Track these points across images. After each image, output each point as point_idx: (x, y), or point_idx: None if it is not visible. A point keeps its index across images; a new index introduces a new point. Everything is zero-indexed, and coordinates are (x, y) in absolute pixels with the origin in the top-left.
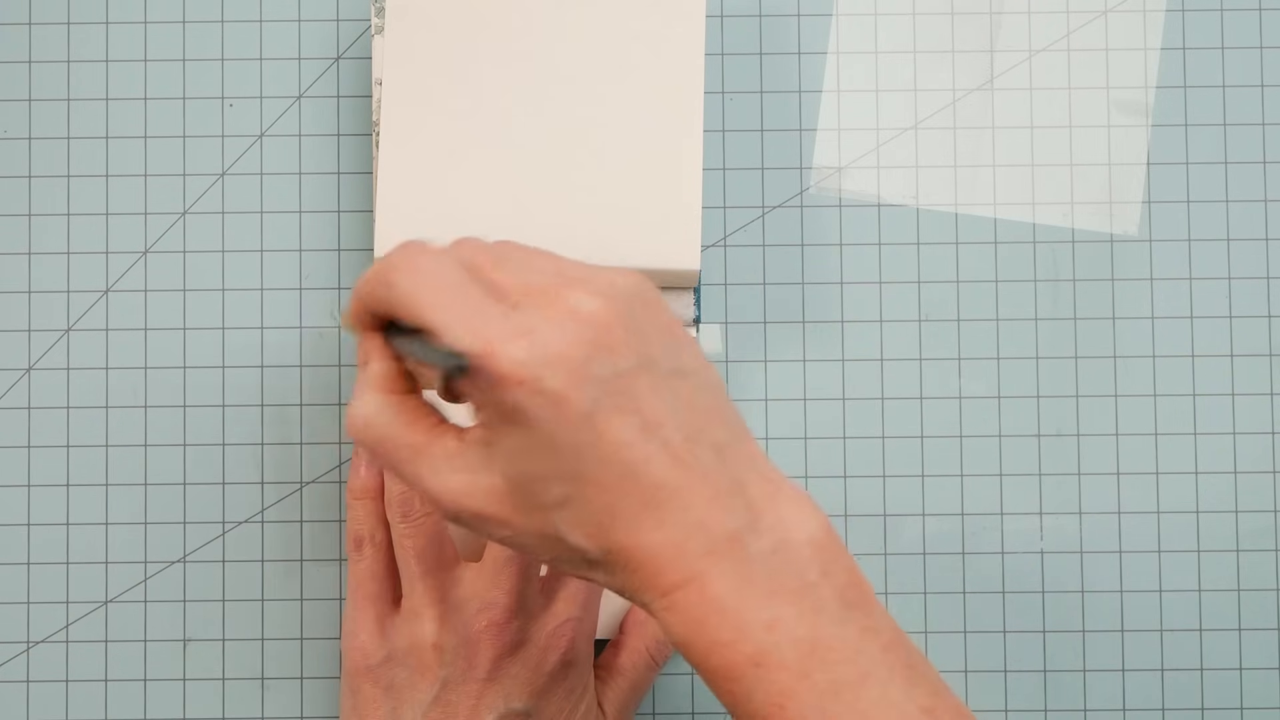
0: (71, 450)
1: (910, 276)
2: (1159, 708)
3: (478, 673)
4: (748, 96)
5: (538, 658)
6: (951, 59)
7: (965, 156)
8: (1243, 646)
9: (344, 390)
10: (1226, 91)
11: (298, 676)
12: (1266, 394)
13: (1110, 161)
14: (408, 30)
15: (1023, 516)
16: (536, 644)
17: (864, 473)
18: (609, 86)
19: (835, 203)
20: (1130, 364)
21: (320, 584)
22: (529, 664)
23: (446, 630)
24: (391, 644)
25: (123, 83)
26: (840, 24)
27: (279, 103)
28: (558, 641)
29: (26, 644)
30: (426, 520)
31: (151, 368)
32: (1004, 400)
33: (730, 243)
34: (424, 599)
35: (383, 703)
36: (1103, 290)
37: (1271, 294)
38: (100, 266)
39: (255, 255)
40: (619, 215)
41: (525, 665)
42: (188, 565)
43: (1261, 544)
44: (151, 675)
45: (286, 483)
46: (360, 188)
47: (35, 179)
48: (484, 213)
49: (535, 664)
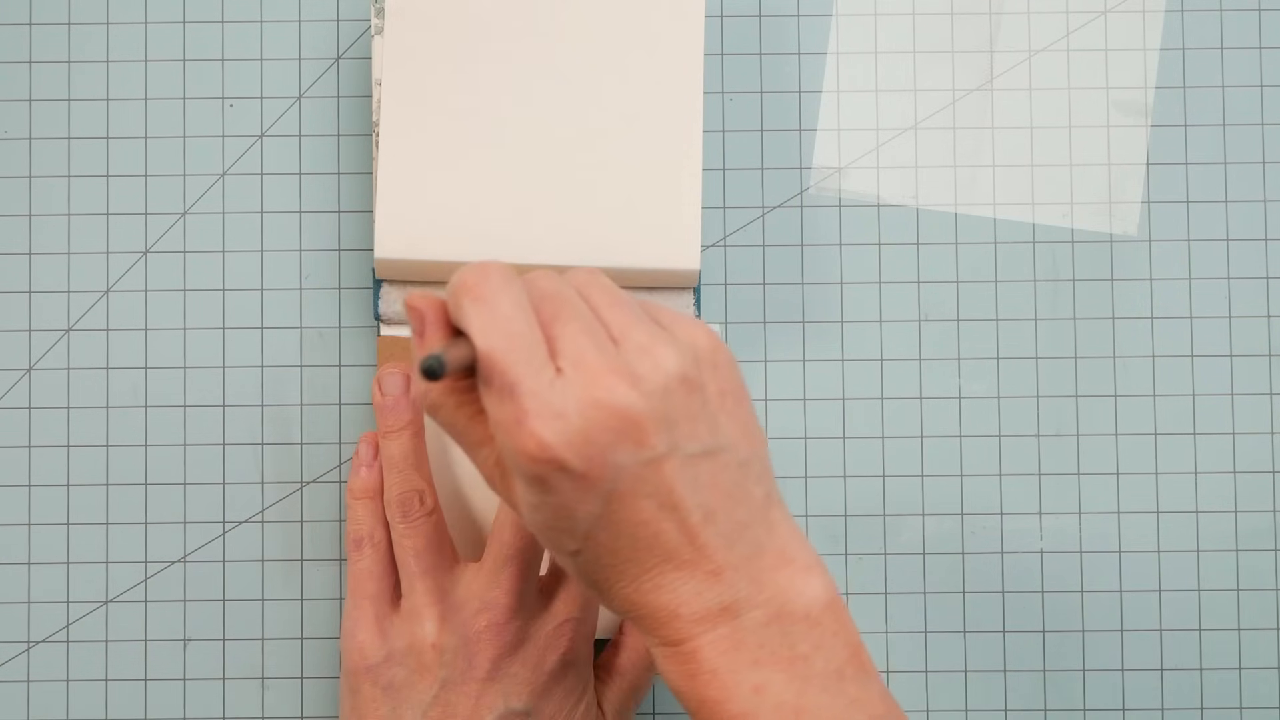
0: (71, 450)
1: (910, 276)
2: (1158, 707)
3: (477, 672)
4: (748, 96)
5: (537, 658)
6: (951, 59)
7: (965, 156)
8: (1242, 646)
9: (344, 390)
10: (1226, 92)
11: (298, 676)
12: (1266, 394)
13: (1110, 161)
14: (408, 30)
15: (1023, 516)
16: (536, 644)
17: (864, 473)
18: (609, 86)
19: (835, 203)
20: (1130, 364)
21: (320, 584)
22: (529, 664)
23: (446, 630)
24: (391, 644)
25: (123, 83)
26: (840, 24)
27: (279, 103)
28: (557, 641)
29: (26, 644)
30: (426, 520)
31: (151, 368)
32: (1004, 400)
33: (730, 243)
34: (424, 599)
35: (382, 702)
36: (1102, 290)
37: (1271, 294)
38: (100, 266)
39: (255, 255)
40: (619, 215)
41: (525, 665)
42: (188, 565)
43: (1261, 544)
44: (151, 675)
45: (286, 483)
46: (360, 188)
47: (35, 179)
48: (484, 213)
49: (535, 664)
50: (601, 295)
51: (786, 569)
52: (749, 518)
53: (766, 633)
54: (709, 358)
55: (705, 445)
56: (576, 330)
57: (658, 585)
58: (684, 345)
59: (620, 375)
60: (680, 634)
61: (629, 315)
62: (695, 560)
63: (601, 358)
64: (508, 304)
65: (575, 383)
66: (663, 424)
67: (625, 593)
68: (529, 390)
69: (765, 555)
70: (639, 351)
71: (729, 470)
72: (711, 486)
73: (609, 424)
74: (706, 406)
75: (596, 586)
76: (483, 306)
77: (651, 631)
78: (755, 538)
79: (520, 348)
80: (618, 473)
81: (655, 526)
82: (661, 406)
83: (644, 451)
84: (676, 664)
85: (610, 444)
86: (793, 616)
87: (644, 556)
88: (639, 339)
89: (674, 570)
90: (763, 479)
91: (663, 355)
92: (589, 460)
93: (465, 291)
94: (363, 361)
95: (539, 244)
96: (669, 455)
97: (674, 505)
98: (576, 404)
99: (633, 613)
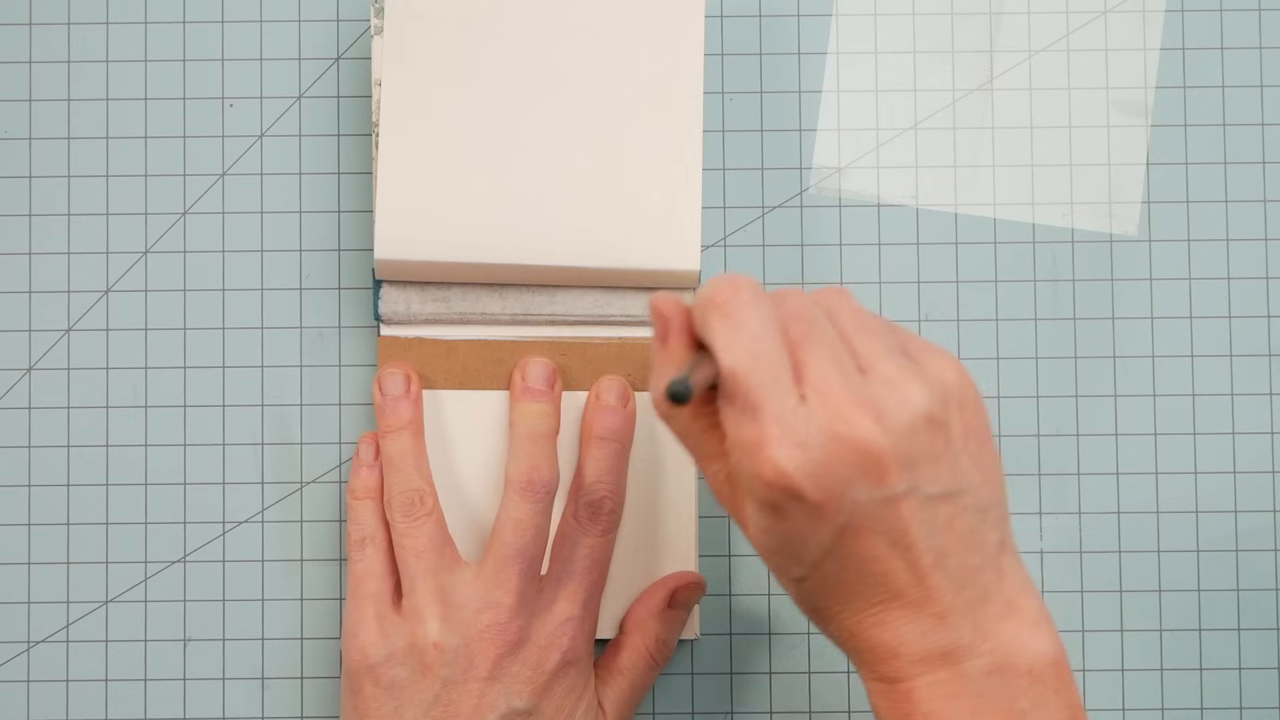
0: (71, 450)
1: (910, 276)
2: (1159, 708)
3: (479, 672)
4: (748, 96)
5: (539, 657)
6: (951, 59)
7: (965, 156)
8: (1242, 646)
9: (344, 390)
10: (1226, 91)
11: (298, 676)
12: (1266, 394)
13: (1110, 161)
14: (408, 30)
15: (1023, 516)
16: (537, 643)
17: None
18: (609, 87)
19: (835, 203)
20: (1130, 364)
21: (320, 584)
22: (530, 663)
23: (448, 630)
24: (392, 643)
25: (123, 83)
26: (840, 24)
27: (279, 103)
28: (559, 640)
29: (26, 644)
30: (427, 520)
31: (151, 368)
32: (1004, 400)
33: (730, 243)
34: (425, 598)
35: (384, 702)
36: (1102, 290)
37: (1271, 294)
38: (100, 266)
39: (255, 255)
40: (619, 216)
41: (526, 664)
42: (188, 565)
43: (1261, 544)
44: (151, 675)
45: (286, 483)
46: (360, 188)
47: (35, 179)
48: (483, 213)
49: (536, 663)
50: (851, 319)
51: (1014, 620)
52: (981, 563)
53: (987, 683)
54: (956, 395)
55: (945, 487)
56: (824, 356)
57: (881, 621)
58: (933, 381)
59: (865, 409)
60: (898, 673)
61: (878, 344)
62: (922, 601)
63: (847, 388)
64: (756, 323)
65: (819, 412)
66: (904, 463)
67: (847, 624)
68: (772, 415)
69: (993, 603)
70: (886, 385)
71: (966, 514)
72: (947, 530)
73: (850, 458)
74: (950, 447)
75: (817, 614)
76: (731, 323)
77: (869, 666)
78: (985, 584)
79: (766, 369)
80: (854, 508)
81: (885, 564)
82: (905, 445)
83: (883, 490)
84: (890, 702)
85: (849, 479)
86: (1015, 670)
87: (870, 592)
88: (887, 371)
89: (899, 609)
90: (999, 525)
91: (910, 392)
92: (826, 493)
93: (714, 307)
94: (363, 361)
95: (539, 244)
96: (907, 495)
97: (907, 546)
98: (819, 435)
99: (851, 645)
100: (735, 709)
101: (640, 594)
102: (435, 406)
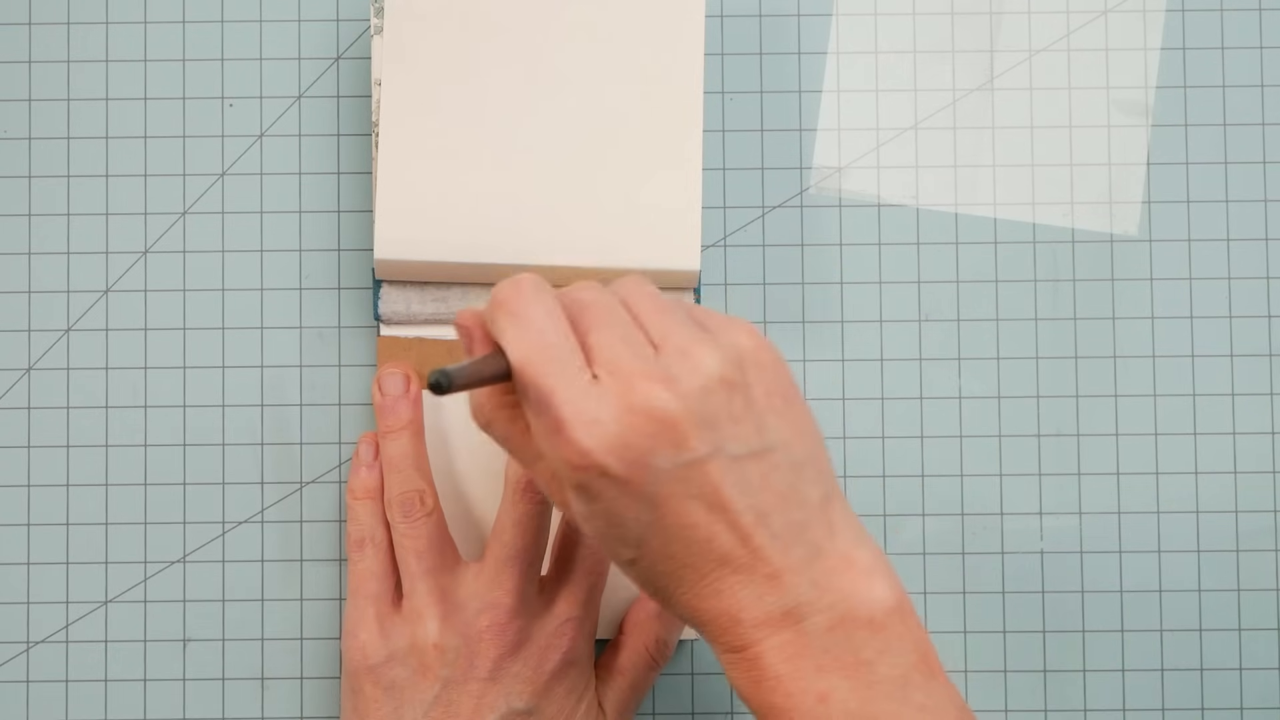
0: (71, 450)
1: (910, 276)
2: (1159, 708)
3: (479, 672)
4: (748, 96)
5: (539, 657)
6: (951, 59)
7: (965, 156)
8: (1242, 646)
9: (344, 390)
10: (1226, 91)
11: (298, 676)
12: (1266, 394)
13: (1110, 161)
14: (407, 30)
15: (1023, 516)
16: (538, 643)
17: (864, 473)
18: (609, 86)
19: (835, 203)
20: (1130, 364)
21: (320, 584)
22: (530, 663)
23: (448, 630)
24: (392, 644)
25: (123, 83)
26: (840, 24)
27: (279, 103)
28: (559, 641)
29: (26, 644)
30: (427, 520)
31: (151, 368)
32: (1004, 400)
33: (730, 243)
34: (425, 599)
35: (384, 702)
36: (1103, 290)
37: (1271, 294)
38: (100, 266)
39: (255, 255)
40: (619, 215)
41: (527, 665)
42: (188, 565)
43: (1261, 544)
44: (151, 675)
45: (286, 483)
46: (360, 188)
47: (35, 179)
48: (483, 213)
49: (536, 663)
50: (644, 302)
51: (849, 572)
52: (806, 519)
53: (830, 638)
54: (752, 357)
55: (752, 446)
56: (613, 337)
57: (716, 590)
58: (725, 346)
59: (656, 379)
60: (742, 639)
61: (670, 320)
62: (752, 564)
63: (637, 362)
64: (539, 314)
65: (611, 389)
66: (702, 425)
67: (686, 599)
68: (564, 399)
69: (826, 558)
70: (677, 355)
71: (781, 471)
72: (763, 488)
73: (646, 428)
74: (752, 407)
75: (659, 595)
76: (515, 319)
77: (715, 639)
78: (814, 540)
79: (554, 358)
80: (658, 476)
81: (707, 530)
82: (700, 408)
83: (684, 454)
84: (741, 670)
85: (649, 448)
86: (856, 622)
87: (699, 562)
88: (678, 342)
89: (731, 574)
90: (820, 480)
91: (701, 357)
92: (630, 465)
93: (498, 305)
94: (363, 361)
95: (539, 244)
96: (712, 457)
97: (723, 507)
98: (612, 409)
99: (695, 620)
100: (735, 709)
101: (640, 594)
102: (435, 406)
